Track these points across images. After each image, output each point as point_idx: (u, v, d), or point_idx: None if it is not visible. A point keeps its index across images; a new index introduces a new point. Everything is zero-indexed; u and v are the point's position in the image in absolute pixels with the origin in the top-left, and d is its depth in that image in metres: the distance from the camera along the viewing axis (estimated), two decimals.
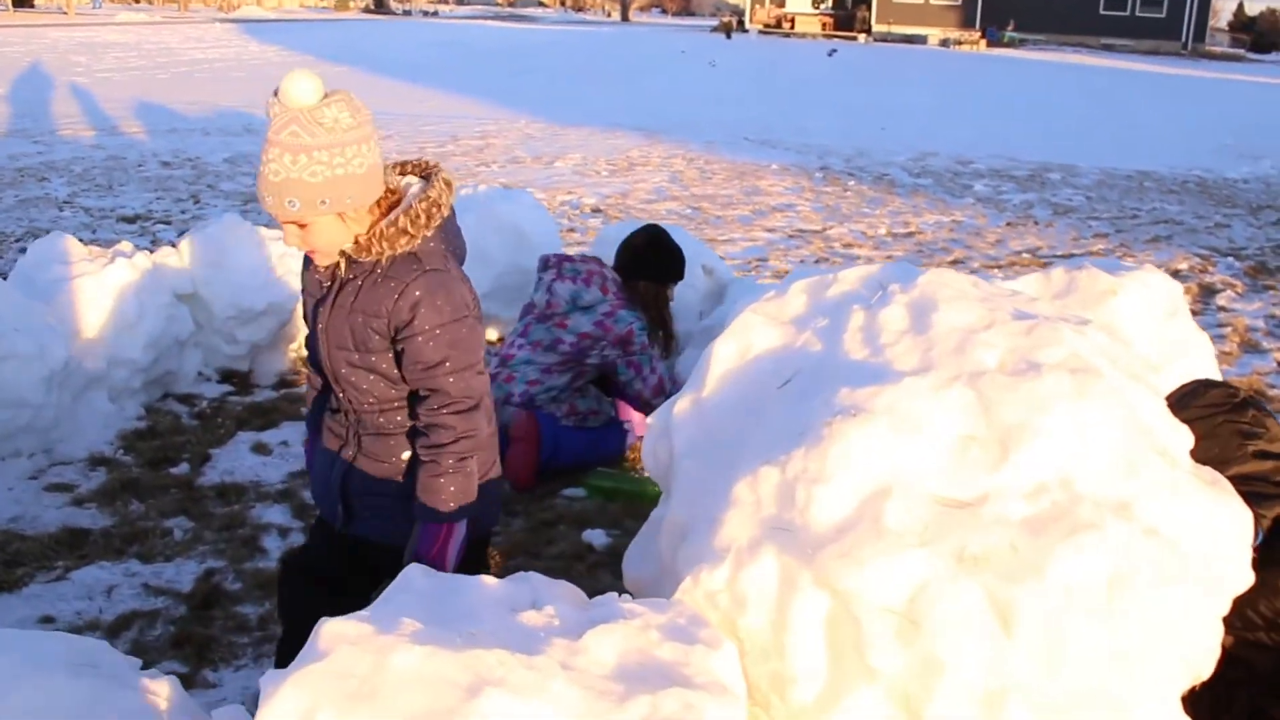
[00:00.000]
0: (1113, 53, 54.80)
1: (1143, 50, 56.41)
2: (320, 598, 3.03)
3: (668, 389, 5.20)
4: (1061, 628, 2.36)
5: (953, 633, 2.33)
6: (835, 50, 42.97)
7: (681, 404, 2.92)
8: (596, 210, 11.00)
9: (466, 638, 2.09)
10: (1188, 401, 2.83)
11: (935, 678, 2.35)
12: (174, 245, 6.36)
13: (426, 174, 3.00)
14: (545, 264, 5.31)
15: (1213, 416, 2.88)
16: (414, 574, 2.46)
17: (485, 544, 3.36)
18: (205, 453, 5.36)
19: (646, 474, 4.99)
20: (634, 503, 4.89)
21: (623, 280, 5.34)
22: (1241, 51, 72.85)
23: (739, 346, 2.87)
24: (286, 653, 3.28)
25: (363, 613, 2.18)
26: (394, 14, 63.43)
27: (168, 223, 10.05)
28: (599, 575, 4.33)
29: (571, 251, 8.27)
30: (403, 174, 3.02)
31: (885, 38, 56.00)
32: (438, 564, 2.89)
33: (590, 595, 4.15)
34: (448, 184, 2.96)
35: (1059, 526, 2.39)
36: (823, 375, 2.66)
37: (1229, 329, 7.88)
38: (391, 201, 2.90)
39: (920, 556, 2.36)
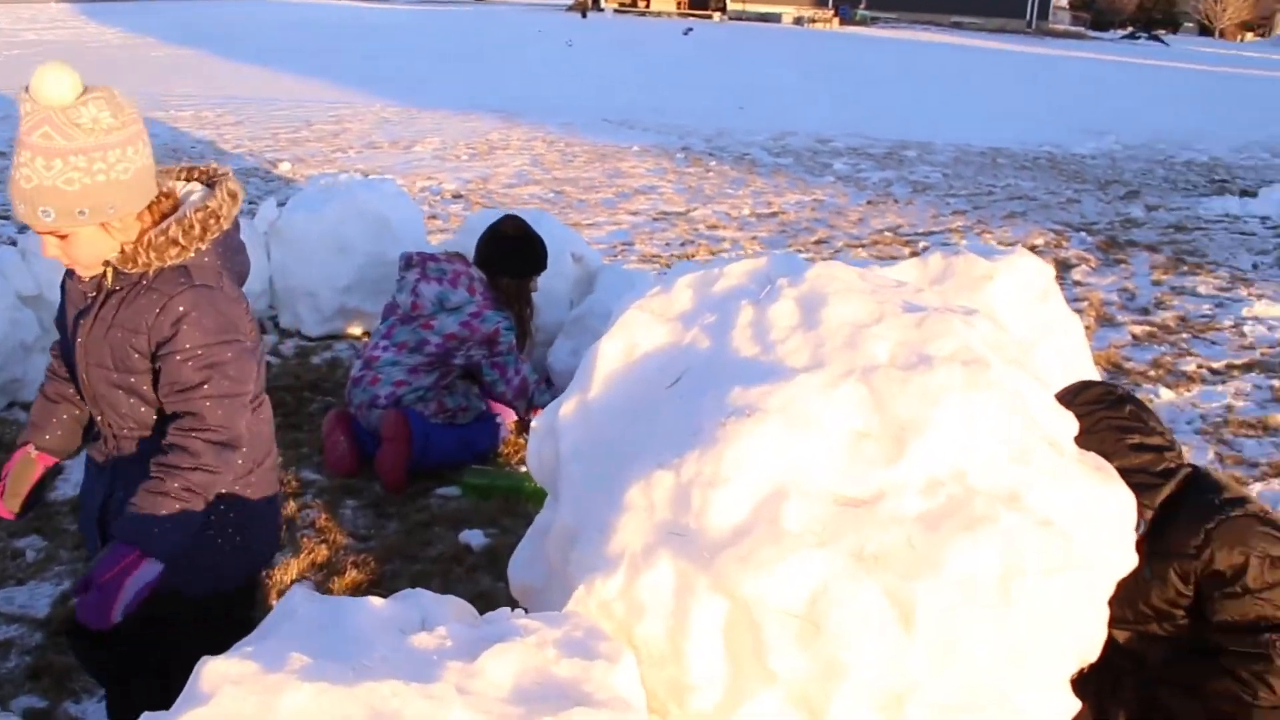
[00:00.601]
0: (961, 30, 55.98)
1: (990, 28, 57.71)
2: (103, 649, 2.80)
3: (530, 391, 5.15)
4: (958, 623, 2.35)
5: (853, 634, 2.31)
6: (691, 29, 43.08)
7: (567, 406, 2.83)
8: (458, 196, 10.83)
9: (358, 669, 1.99)
10: (1067, 400, 2.85)
11: (836, 680, 2.32)
12: (14, 244, 6.07)
13: (212, 181, 2.73)
14: (408, 263, 5.17)
15: (1092, 414, 2.91)
16: (297, 599, 2.34)
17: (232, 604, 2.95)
18: (57, 466, 5.10)
19: (522, 469, 4.93)
20: (510, 499, 4.81)
21: (486, 276, 5.24)
22: (1082, 29, 75.13)
23: (624, 345, 2.80)
24: (117, 702, 3.04)
25: (245, 648, 2.06)
26: None
27: None
28: (478, 577, 4.25)
29: (435, 240, 8.12)
30: (187, 179, 2.74)
31: (740, 16, 56.33)
32: (104, 596, 2.49)
33: (471, 598, 4.05)
34: (232, 195, 2.69)
35: (954, 521, 2.37)
36: (713, 374, 2.61)
37: (1085, 303, 8.07)
38: (166, 208, 2.63)
39: (819, 557, 2.33)
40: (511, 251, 5.32)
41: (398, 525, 4.67)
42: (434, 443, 4.99)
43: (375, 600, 2.40)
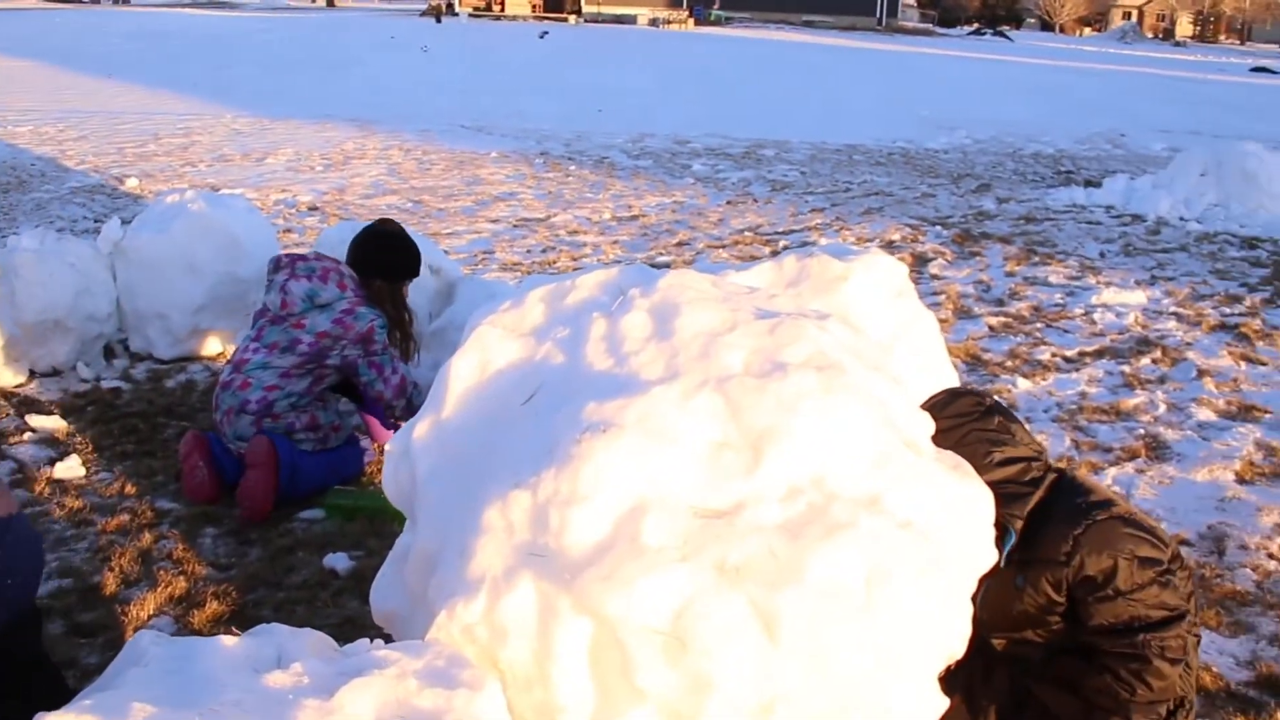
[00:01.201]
0: (814, 29, 56.87)
1: (841, 26, 58.77)
2: None
3: (410, 391, 5.00)
4: (824, 631, 2.34)
5: (718, 647, 2.28)
6: (547, 33, 43.03)
7: (421, 426, 2.77)
8: (313, 208, 10.61)
9: (206, 716, 1.90)
10: (935, 412, 2.86)
11: (704, 695, 2.30)
12: None
13: None
14: (277, 265, 5.00)
15: (960, 426, 2.92)
16: (144, 642, 2.24)
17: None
18: None
19: None
20: (376, 520, 4.69)
21: (360, 279, 5.09)
22: (930, 26, 76.96)
23: (478, 362, 2.74)
24: None
25: (84, 700, 1.96)
26: (81, 2, 59.90)
27: None
28: (344, 602, 4.13)
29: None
30: None
31: (596, 18, 56.45)
32: None
33: (338, 624, 3.98)
34: None
35: (815, 528, 2.36)
36: (567, 389, 2.56)
37: (943, 296, 8.21)
38: None
39: (682, 572, 2.30)
40: (387, 253, 5.17)
41: (260, 552, 4.52)
42: (302, 471, 4.83)
43: (227, 639, 2.31)
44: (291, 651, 2.33)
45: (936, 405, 2.96)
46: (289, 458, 4.78)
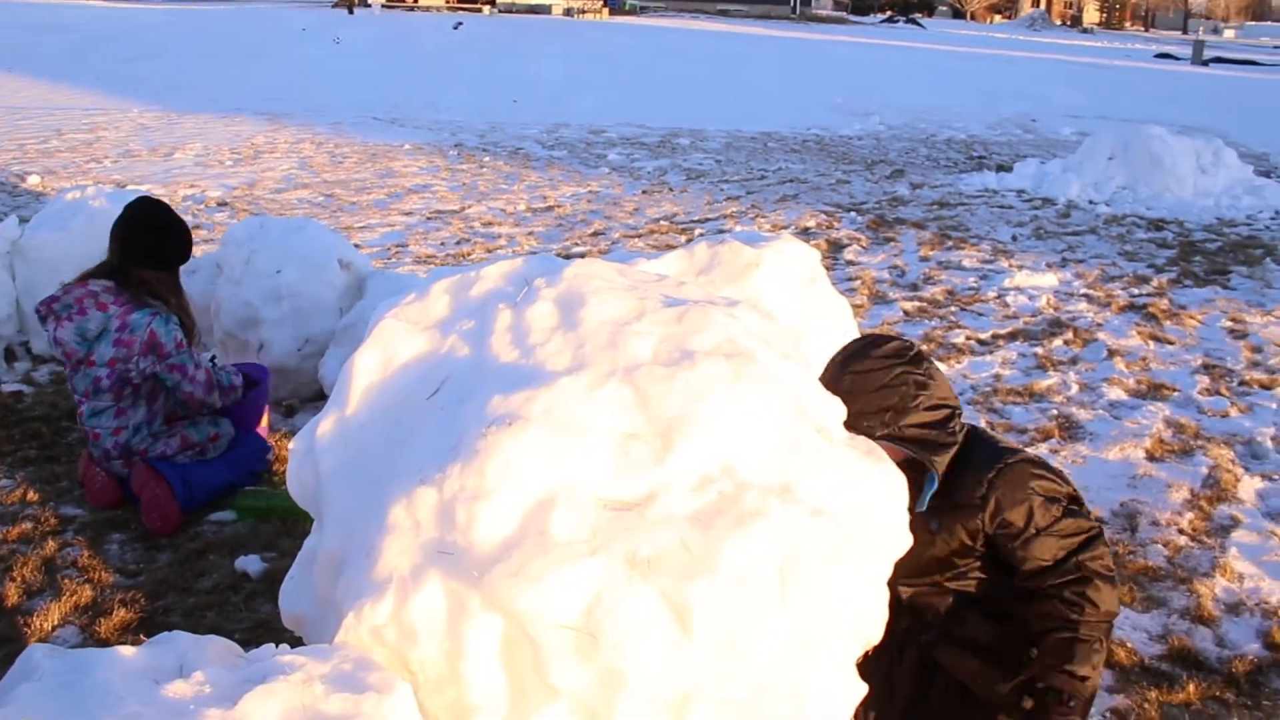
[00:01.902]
0: (729, 18, 57.04)
1: (756, 14, 59.04)
2: None
3: (218, 380, 4.75)
4: (738, 621, 2.31)
5: (631, 641, 2.25)
6: (461, 23, 42.71)
7: (325, 424, 2.70)
8: (223, 204, 10.41)
9: None
10: (866, 352, 2.84)
11: (618, 690, 2.26)
12: None
13: None
14: (41, 317, 4.67)
15: (891, 367, 2.89)
16: (37, 655, 2.16)
17: None
18: None
19: None
20: (289, 520, 4.59)
21: (121, 275, 4.67)
22: (844, 14, 77.61)
23: (381, 357, 2.67)
24: None
25: None
26: None
27: None
28: (257, 605, 4.05)
29: (199, 252, 7.78)
30: None
31: (510, 9, 56.14)
32: None
33: (251, 628, 3.90)
34: None
35: (726, 517, 2.34)
36: (473, 382, 2.51)
37: (858, 282, 8.25)
38: None
39: (592, 565, 2.26)
40: (144, 240, 4.68)
41: (169, 557, 4.41)
42: (197, 482, 4.69)
43: (125, 650, 2.23)
44: (194, 660, 2.26)
45: (867, 345, 2.94)
46: (176, 475, 4.62)
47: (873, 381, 2.83)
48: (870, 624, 2.67)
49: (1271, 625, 4.00)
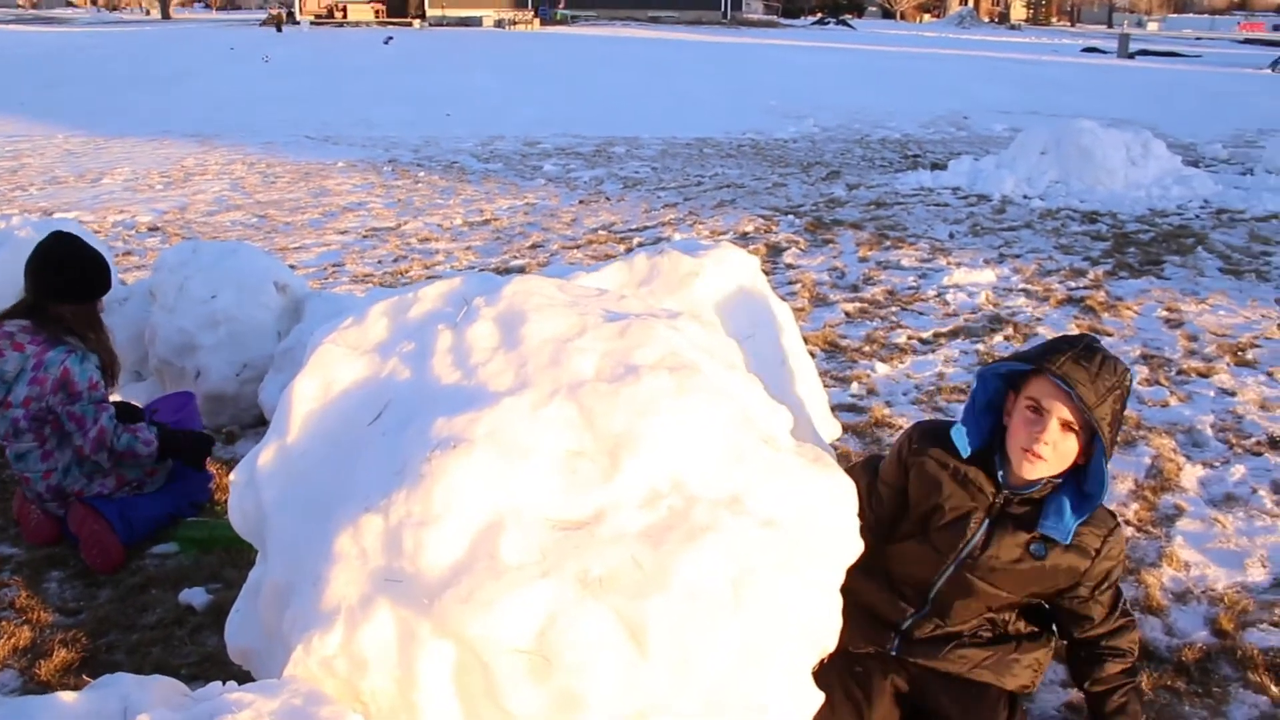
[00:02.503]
0: (660, 24, 57.12)
1: (687, 20, 59.16)
2: None
3: (110, 442, 4.50)
4: (692, 636, 2.30)
5: (585, 662, 2.23)
6: (391, 38, 42.46)
7: (266, 454, 2.64)
8: (154, 229, 10.25)
9: None
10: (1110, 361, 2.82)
11: (574, 712, 2.24)
12: None
13: None
14: None
15: (1115, 391, 2.80)
16: None
17: None
18: None
19: None
20: (234, 550, 4.50)
21: (37, 313, 4.54)
22: (774, 18, 78.04)
23: (320, 383, 2.63)
24: None
25: None
26: None
27: None
28: (203, 638, 3.96)
29: (131, 279, 7.65)
30: None
31: (440, 22, 55.87)
32: None
33: (197, 663, 3.82)
34: None
35: (677, 532, 2.32)
36: (415, 405, 2.47)
37: (798, 285, 8.26)
38: None
39: (543, 588, 2.24)
40: (67, 277, 4.55)
41: (111, 593, 4.30)
42: (136, 517, 4.58)
43: (66, 695, 2.18)
44: (138, 702, 2.21)
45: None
46: (113, 511, 4.52)
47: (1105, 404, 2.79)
48: (823, 631, 2.67)
49: (1219, 612, 4.03)
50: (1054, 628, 3.18)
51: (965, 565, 2.97)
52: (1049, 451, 2.81)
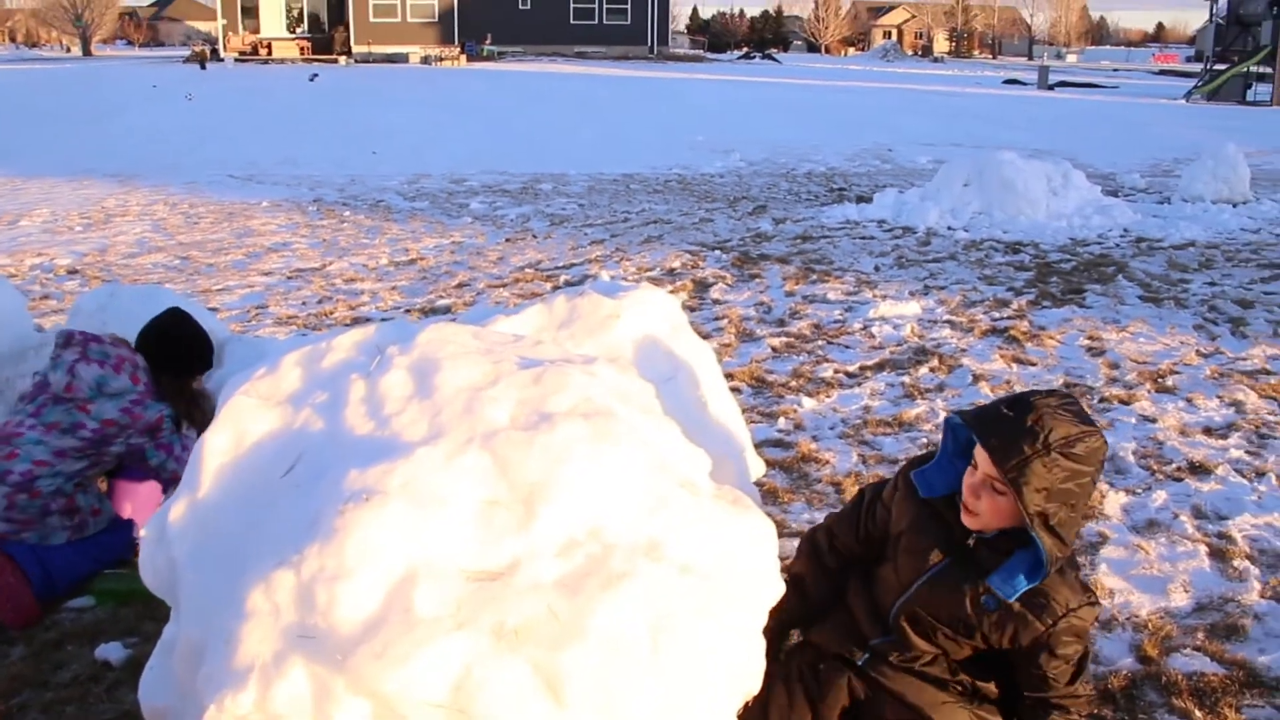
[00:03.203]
0: (586, 60, 57.40)
1: (613, 56, 59.54)
2: None
3: (176, 473, 4.74)
4: (611, 686, 2.27)
5: (502, 716, 2.19)
6: (317, 75, 42.29)
7: (177, 508, 2.59)
8: (73, 272, 10.08)
9: None
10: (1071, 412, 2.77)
11: None
12: None
13: None
14: (68, 340, 4.65)
15: (1091, 475, 2.79)
16: None
17: None
18: None
19: None
20: (152, 604, 4.39)
21: (152, 369, 4.82)
22: (701, 52, 78.83)
23: (232, 436, 2.58)
24: None
25: None
26: None
27: None
28: (120, 695, 3.87)
29: (48, 323, 7.52)
30: None
31: (367, 58, 55.76)
32: None
33: None
34: None
35: (594, 580, 2.30)
36: (328, 457, 2.44)
37: (725, 320, 8.28)
38: None
39: (458, 640, 2.20)
40: (167, 350, 4.89)
41: (23, 650, 4.19)
42: (56, 570, 4.48)
43: None
44: None
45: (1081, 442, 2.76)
46: (33, 561, 4.43)
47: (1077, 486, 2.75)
48: (746, 675, 2.65)
49: (1143, 638, 4.07)
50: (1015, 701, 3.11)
51: (918, 600, 2.96)
52: (978, 505, 2.80)
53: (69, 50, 78.46)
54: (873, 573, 3.14)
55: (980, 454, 2.76)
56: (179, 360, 4.93)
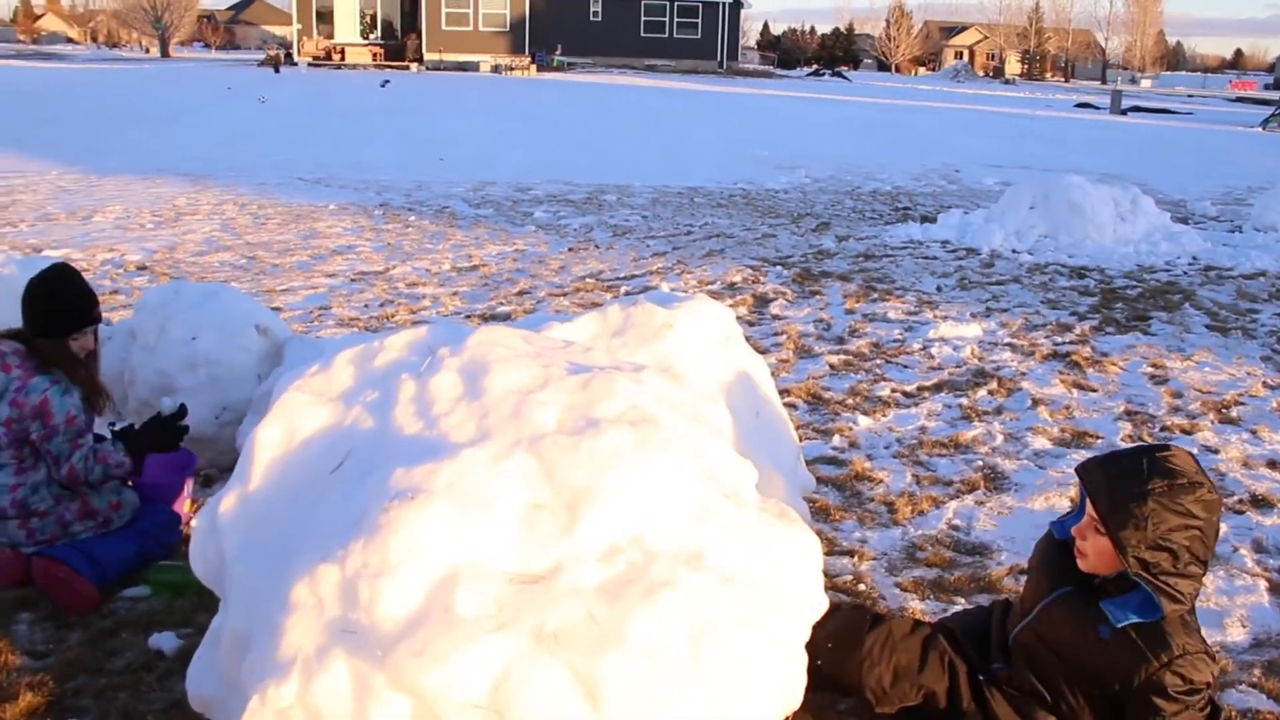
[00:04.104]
0: (655, 73, 57.53)
1: (683, 69, 59.64)
2: None
3: (84, 478, 4.50)
4: (649, 693, 2.27)
5: (539, 718, 2.20)
6: (389, 81, 42.69)
7: (228, 501, 2.63)
8: (142, 268, 10.23)
9: None
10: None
11: None
12: None
13: None
14: None
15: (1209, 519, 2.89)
16: None
17: None
18: None
19: None
20: (206, 595, 4.44)
21: (28, 341, 4.57)
22: (770, 68, 78.79)
23: (284, 430, 2.62)
24: None
25: None
26: None
27: None
28: (172, 685, 3.90)
29: (117, 318, 7.63)
30: None
31: (438, 66, 56.22)
32: None
33: (165, 709, 3.77)
34: None
35: (635, 588, 2.30)
36: (377, 454, 2.46)
37: (784, 336, 8.25)
38: None
39: (498, 642, 2.22)
40: (33, 310, 4.61)
41: (80, 636, 4.25)
42: (104, 557, 4.53)
43: None
44: None
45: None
46: (77, 555, 4.47)
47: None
48: (788, 688, 2.64)
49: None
50: None
51: (1040, 622, 3.07)
52: (1085, 546, 2.95)
53: (148, 51, 79.72)
54: (1012, 605, 3.32)
55: (1089, 499, 2.91)
56: (46, 319, 4.63)
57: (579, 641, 2.22)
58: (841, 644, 3.03)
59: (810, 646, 2.79)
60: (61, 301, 4.62)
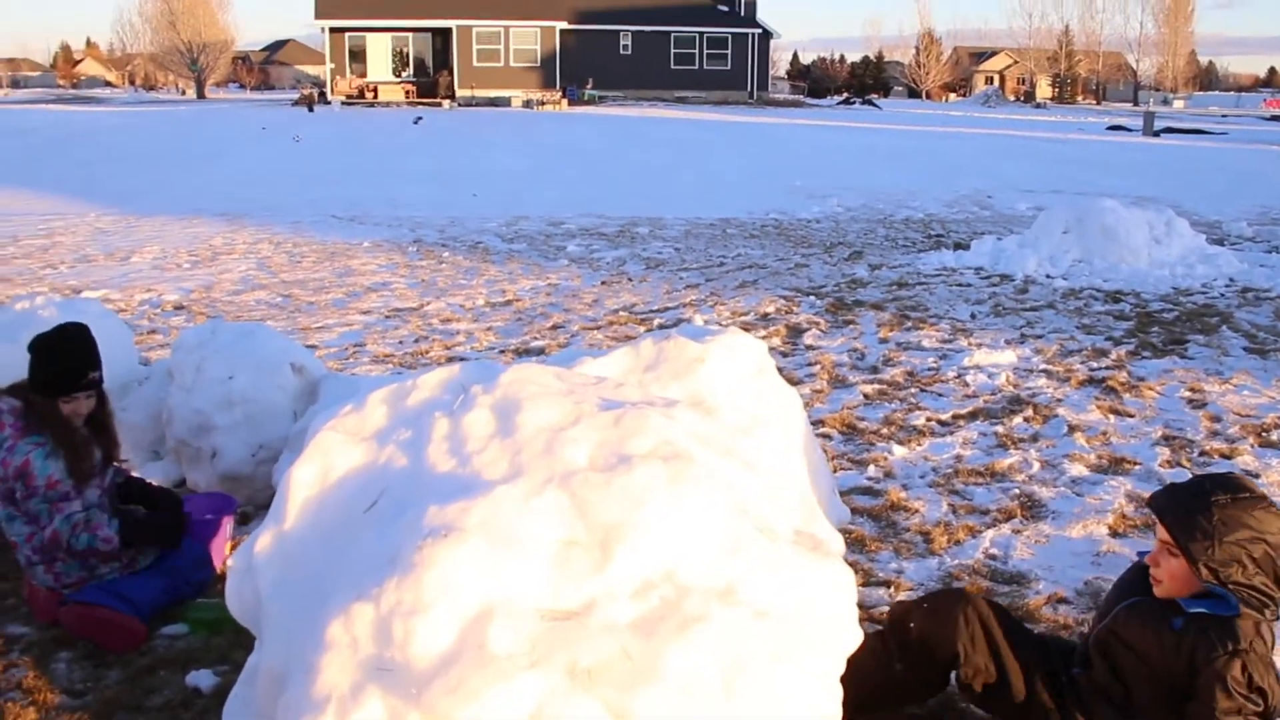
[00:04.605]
0: (686, 104, 57.77)
1: (713, 100, 59.87)
2: None
3: (66, 543, 4.45)
4: None
5: None
6: (421, 118, 43.06)
7: (263, 540, 2.65)
8: (180, 308, 10.35)
9: None
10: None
11: None
12: None
13: None
14: None
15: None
16: None
17: None
18: None
19: None
20: (244, 633, 4.46)
21: (26, 398, 4.57)
22: (800, 97, 78.98)
23: (319, 470, 2.64)
24: None
25: None
26: None
27: None
28: None
29: (155, 357, 7.72)
30: None
31: (470, 102, 56.65)
32: None
33: None
34: None
35: (668, 624, 2.30)
36: (410, 493, 2.48)
37: (818, 366, 8.24)
38: None
39: (532, 679, 2.22)
40: (34, 369, 4.57)
41: (118, 674, 4.28)
42: (136, 599, 4.55)
43: None
44: None
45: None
46: (108, 596, 4.49)
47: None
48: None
49: None
50: None
51: (1115, 620, 3.21)
52: (1159, 571, 3.12)
53: (184, 93, 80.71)
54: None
55: (1159, 522, 3.10)
56: (39, 380, 4.59)
57: (612, 677, 2.22)
58: (938, 606, 3.19)
59: (905, 609, 3.05)
60: (56, 363, 4.59)
